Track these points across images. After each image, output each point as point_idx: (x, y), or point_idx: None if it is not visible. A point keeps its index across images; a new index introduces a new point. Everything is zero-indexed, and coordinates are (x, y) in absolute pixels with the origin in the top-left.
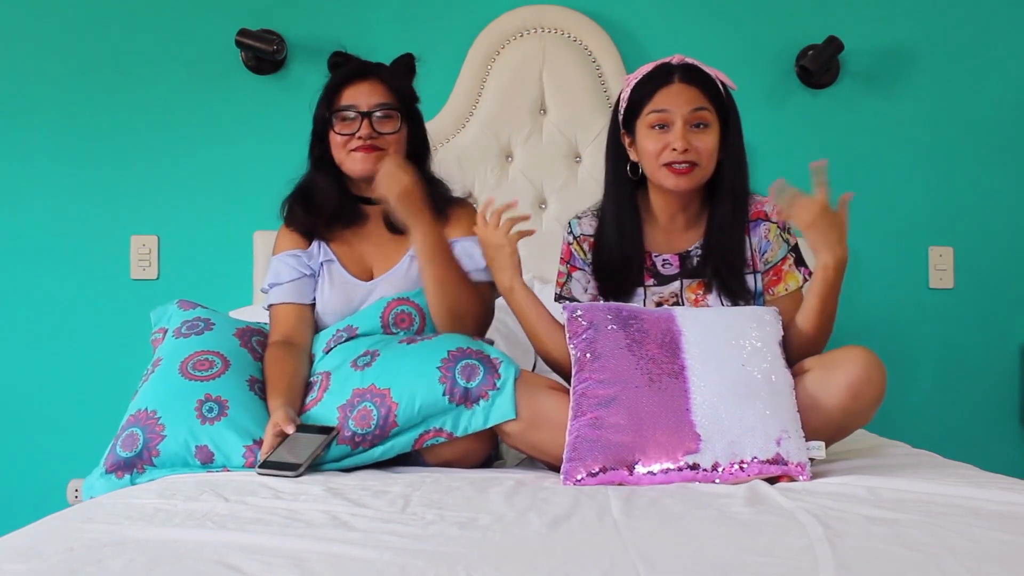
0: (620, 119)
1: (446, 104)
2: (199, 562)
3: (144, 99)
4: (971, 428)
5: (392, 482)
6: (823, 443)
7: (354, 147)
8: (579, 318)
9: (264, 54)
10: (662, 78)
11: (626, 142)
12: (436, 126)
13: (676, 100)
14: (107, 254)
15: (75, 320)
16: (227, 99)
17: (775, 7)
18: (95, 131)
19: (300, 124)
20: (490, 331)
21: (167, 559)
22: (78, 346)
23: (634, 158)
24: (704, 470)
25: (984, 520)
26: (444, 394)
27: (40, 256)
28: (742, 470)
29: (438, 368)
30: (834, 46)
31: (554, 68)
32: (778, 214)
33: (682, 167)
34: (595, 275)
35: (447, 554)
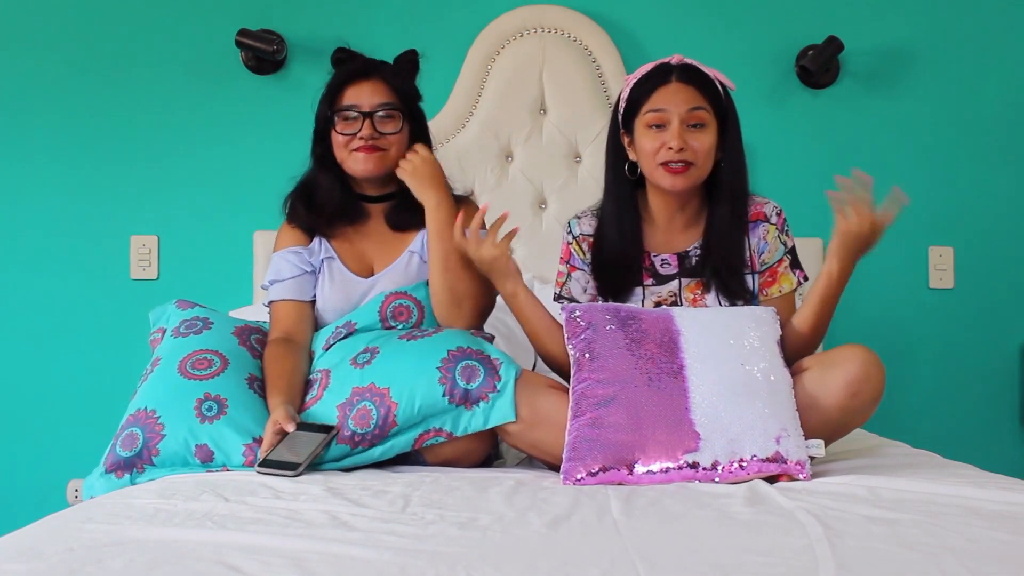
0: (619, 119)
1: (446, 104)
2: (199, 562)
3: (144, 99)
4: (971, 428)
5: (392, 482)
6: (822, 441)
7: (356, 147)
8: (578, 318)
9: (264, 54)
10: (660, 77)
11: (625, 142)
12: (436, 126)
13: (673, 99)
14: (107, 254)
15: (75, 320)
16: (227, 99)
17: (775, 7)
18: (95, 131)
19: (300, 124)
20: (490, 331)
21: (167, 559)
22: (78, 346)
23: (633, 158)
24: (704, 468)
25: (984, 520)
26: (444, 395)
27: (40, 256)
28: (742, 468)
29: (438, 368)
30: (834, 46)
31: (554, 68)
32: (836, 200)
33: (678, 166)
34: (594, 274)
35: (447, 554)
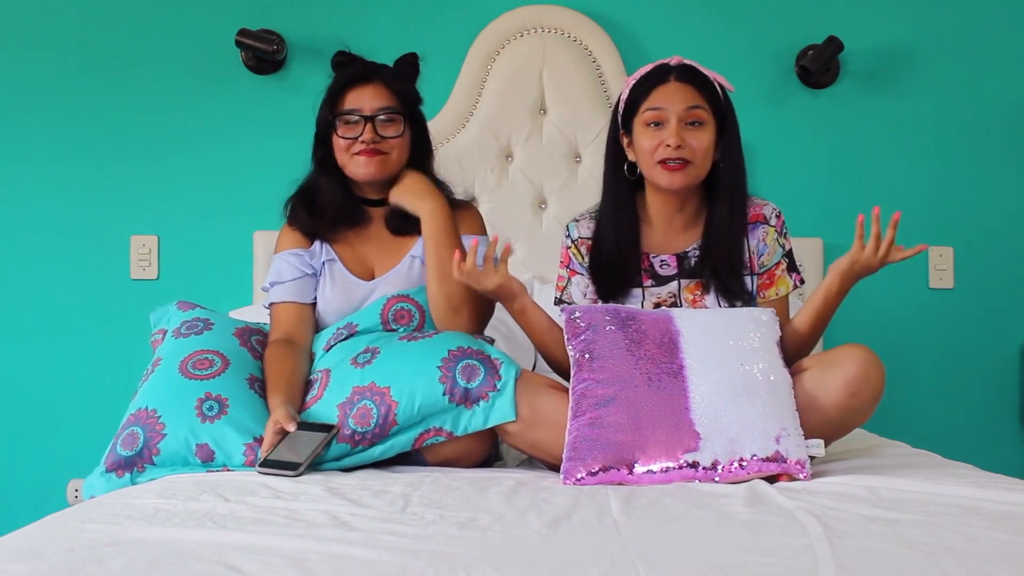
0: (619, 120)
1: (446, 104)
2: (199, 562)
3: (144, 99)
4: (971, 428)
5: (392, 482)
6: (822, 441)
7: (357, 151)
8: (577, 319)
9: (264, 54)
10: (659, 77)
11: (625, 143)
12: (436, 126)
13: (671, 98)
14: (107, 254)
15: (75, 320)
16: (227, 99)
17: (775, 7)
18: (95, 131)
19: (300, 124)
20: (490, 331)
21: (167, 559)
22: (78, 346)
23: (632, 158)
24: (704, 468)
25: (984, 520)
26: (444, 394)
27: (40, 256)
28: (742, 468)
29: (438, 368)
30: (834, 46)
31: (554, 68)
32: (861, 226)
33: (676, 164)
34: (592, 276)
35: (447, 554)
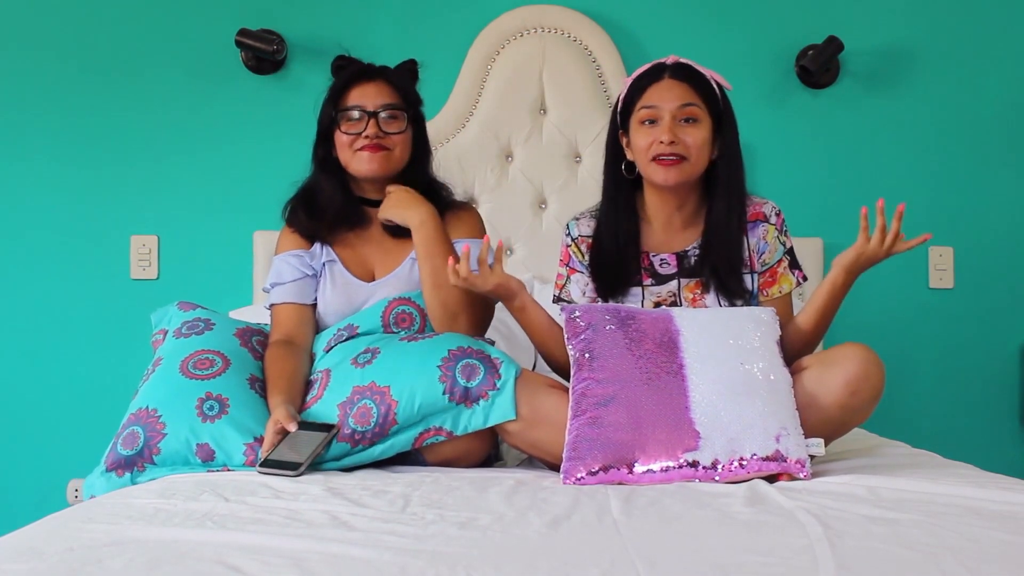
0: (618, 119)
1: (446, 104)
2: (199, 562)
3: (144, 99)
4: (971, 428)
5: (392, 482)
6: (822, 440)
7: (360, 146)
8: (577, 319)
9: (264, 54)
10: (653, 75)
11: (624, 142)
12: (436, 126)
13: (665, 96)
14: (107, 254)
15: (75, 320)
16: (227, 99)
17: (775, 7)
18: (95, 131)
19: (300, 124)
20: (490, 331)
21: (167, 559)
22: (78, 346)
23: (630, 157)
24: (704, 467)
25: (984, 520)
26: (444, 393)
27: (40, 256)
28: (742, 467)
29: (438, 367)
30: (834, 46)
31: (554, 68)
32: (865, 219)
33: (669, 159)
34: (592, 274)
35: (447, 554)
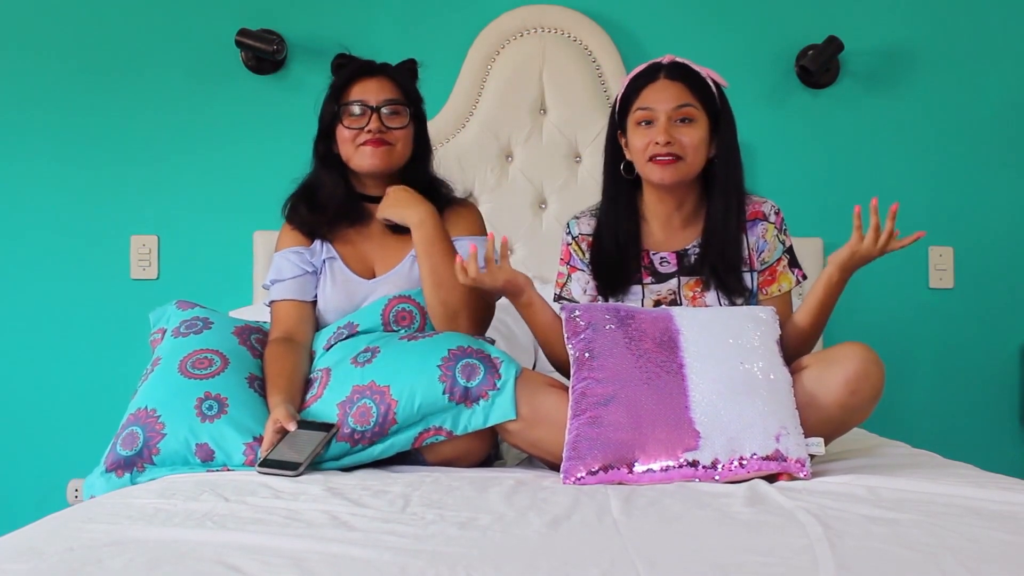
0: (616, 119)
1: (446, 104)
2: (199, 562)
3: (144, 99)
4: (971, 428)
5: (392, 482)
6: (822, 440)
7: (363, 140)
8: (577, 318)
9: (264, 54)
10: (649, 76)
11: (622, 142)
12: (436, 126)
13: (660, 96)
14: (107, 254)
15: (75, 320)
16: (227, 99)
17: (775, 7)
18: (95, 131)
19: (300, 124)
20: (490, 330)
21: (167, 559)
22: (78, 346)
23: (629, 157)
24: (704, 467)
25: (984, 520)
26: (444, 392)
27: (40, 256)
28: (742, 466)
29: (438, 366)
30: (834, 46)
31: (554, 68)
32: (859, 217)
33: (665, 159)
34: (593, 273)
35: (447, 554)
